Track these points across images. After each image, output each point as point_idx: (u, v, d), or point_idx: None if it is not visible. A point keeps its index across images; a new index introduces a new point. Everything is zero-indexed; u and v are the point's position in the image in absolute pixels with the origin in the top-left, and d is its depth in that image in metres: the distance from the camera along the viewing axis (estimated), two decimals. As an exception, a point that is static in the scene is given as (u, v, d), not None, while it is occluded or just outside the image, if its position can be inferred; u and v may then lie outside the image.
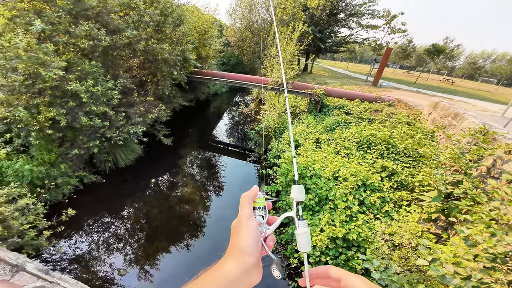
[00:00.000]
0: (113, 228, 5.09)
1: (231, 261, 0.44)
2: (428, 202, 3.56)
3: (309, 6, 16.43)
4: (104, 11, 6.36)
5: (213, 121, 13.59)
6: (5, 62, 4.58)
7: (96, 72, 5.83)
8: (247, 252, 0.44)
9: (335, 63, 49.08)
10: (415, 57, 35.08)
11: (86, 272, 4.13)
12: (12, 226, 3.57)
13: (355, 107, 8.61)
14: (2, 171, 4.50)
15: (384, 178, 5.00)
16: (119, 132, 6.12)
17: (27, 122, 4.72)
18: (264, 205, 0.64)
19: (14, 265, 1.92)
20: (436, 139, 5.98)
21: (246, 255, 0.44)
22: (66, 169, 5.30)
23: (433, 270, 1.90)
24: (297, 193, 0.64)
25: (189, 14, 11.20)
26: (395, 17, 17.07)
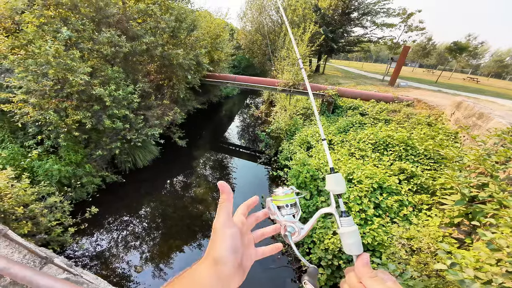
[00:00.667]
0: (131, 226, 5.31)
1: (204, 269, 0.42)
2: (450, 205, 3.39)
3: (320, 6, 16.28)
4: (123, 18, 6.75)
5: (225, 123, 13.81)
6: (37, 67, 4.94)
7: (118, 77, 6.17)
8: (221, 262, 0.41)
9: (349, 63, 48.02)
10: (436, 55, 33.48)
11: (105, 268, 4.31)
12: (41, 223, 3.79)
13: (371, 107, 8.38)
14: (34, 171, 4.88)
15: (402, 181, 4.82)
16: (138, 134, 6.42)
17: (57, 125, 5.07)
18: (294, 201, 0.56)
19: (43, 257, 2.08)
20: (460, 141, 5.67)
21: (219, 264, 0.41)
22: (90, 169, 5.63)
23: (452, 275, 1.82)
24: (334, 184, 0.54)
25: (201, 19, 11.56)
26: (412, 15, 16.43)
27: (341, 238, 0.49)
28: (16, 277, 0.72)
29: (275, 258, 4.57)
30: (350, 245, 0.47)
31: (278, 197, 0.58)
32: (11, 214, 3.46)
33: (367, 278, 0.43)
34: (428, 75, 28.05)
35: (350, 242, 0.48)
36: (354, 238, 0.48)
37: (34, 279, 0.76)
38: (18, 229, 3.39)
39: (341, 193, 0.54)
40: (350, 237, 0.48)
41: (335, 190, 0.54)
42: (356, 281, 0.46)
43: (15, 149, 5.16)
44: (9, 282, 1.70)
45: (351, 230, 0.48)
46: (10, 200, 3.45)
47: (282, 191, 0.59)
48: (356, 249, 0.47)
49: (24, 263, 1.78)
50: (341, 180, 0.54)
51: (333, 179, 0.55)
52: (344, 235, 0.49)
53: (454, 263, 2.00)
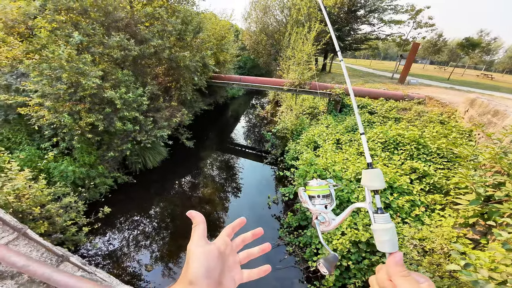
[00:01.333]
0: (142, 226, 5.42)
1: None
2: (465, 205, 3.28)
3: (325, 5, 16.10)
4: (132, 22, 6.91)
5: (231, 124, 13.88)
6: (51, 72, 5.10)
7: (128, 80, 6.32)
8: (194, 282, 0.39)
9: (356, 61, 47.21)
10: (447, 52, 32.43)
11: (117, 267, 4.39)
12: (56, 223, 3.89)
13: (380, 106, 8.22)
14: (50, 172, 5.07)
15: (414, 181, 4.70)
16: (147, 135, 6.55)
17: (71, 127, 5.22)
18: (327, 193, 0.58)
19: (60, 256, 2.15)
20: (474, 139, 5.48)
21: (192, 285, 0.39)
22: (103, 170, 5.79)
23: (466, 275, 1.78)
24: (370, 179, 0.53)
25: (207, 21, 11.68)
26: (420, 11, 15.98)
27: (374, 234, 0.48)
28: (36, 274, 0.75)
29: (282, 259, 4.55)
30: (383, 242, 0.46)
31: (311, 187, 0.59)
32: (29, 214, 3.57)
33: (399, 276, 0.42)
34: (439, 72, 27.21)
35: (384, 240, 0.47)
36: (388, 236, 0.46)
37: (52, 276, 0.79)
38: (35, 229, 3.46)
39: (378, 189, 0.53)
40: (384, 235, 0.47)
41: (371, 185, 0.53)
42: (386, 278, 0.44)
43: (32, 151, 5.37)
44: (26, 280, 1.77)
45: (386, 227, 0.47)
46: (28, 200, 3.56)
47: (316, 182, 0.61)
48: (389, 247, 0.46)
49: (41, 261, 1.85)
50: (378, 175, 0.53)
51: (369, 175, 0.54)
52: (377, 232, 0.48)
53: (468, 263, 1.97)
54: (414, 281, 0.40)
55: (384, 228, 0.47)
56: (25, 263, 0.76)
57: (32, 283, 1.79)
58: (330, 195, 0.59)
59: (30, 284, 1.77)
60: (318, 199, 0.58)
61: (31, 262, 0.78)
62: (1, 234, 1.71)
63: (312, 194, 0.59)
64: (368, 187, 0.53)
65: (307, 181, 0.64)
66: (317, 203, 0.58)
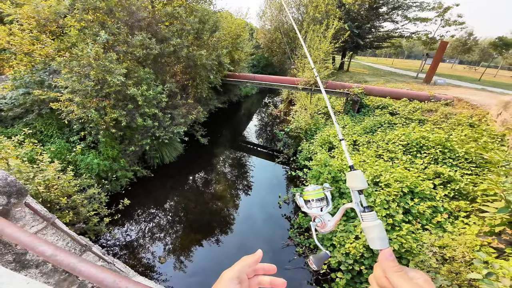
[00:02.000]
0: (157, 219, 5.63)
1: None
2: (492, 213, 3.07)
3: (344, 2, 15.53)
4: (153, 21, 7.14)
5: (243, 122, 13.94)
6: (80, 69, 5.39)
7: (149, 78, 6.56)
8: None
9: (377, 59, 45.20)
10: (478, 51, 30.07)
11: (132, 258, 4.55)
12: (80, 213, 4.08)
13: (402, 106, 7.81)
14: (77, 164, 5.40)
15: (437, 186, 4.42)
16: (165, 131, 6.78)
17: (97, 122, 5.50)
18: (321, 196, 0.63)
19: (83, 245, 2.27)
20: (507, 144, 5.04)
21: None
22: (124, 163, 6.07)
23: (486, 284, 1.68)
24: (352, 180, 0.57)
25: (223, 20, 11.77)
26: (448, 8, 14.91)
27: (364, 232, 0.51)
28: (62, 264, 0.80)
29: (291, 259, 4.51)
30: (373, 239, 0.48)
31: (307, 192, 0.65)
32: (56, 204, 3.77)
33: (392, 272, 0.44)
34: (469, 72, 25.29)
35: (372, 237, 0.49)
36: (376, 232, 0.49)
37: (77, 266, 0.83)
38: (61, 218, 3.61)
39: (362, 189, 0.56)
40: (372, 231, 0.49)
41: (354, 186, 0.57)
42: (382, 275, 0.46)
43: (62, 144, 5.75)
44: (50, 269, 1.88)
45: (373, 224, 0.50)
46: (56, 191, 3.76)
47: (312, 187, 0.66)
48: (380, 244, 0.48)
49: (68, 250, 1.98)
50: (360, 176, 0.57)
51: (351, 176, 0.58)
52: (366, 229, 0.50)
53: (490, 272, 1.90)
54: (406, 276, 0.42)
55: (372, 225, 0.49)
56: (53, 252, 0.81)
57: (55, 272, 1.89)
58: (325, 198, 0.64)
59: (53, 273, 1.87)
60: (313, 203, 0.62)
61: (58, 251, 0.82)
62: (31, 223, 1.83)
63: (307, 198, 0.64)
64: (353, 188, 0.56)
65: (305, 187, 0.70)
66: (313, 207, 0.62)
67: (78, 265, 0.78)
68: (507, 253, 2.88)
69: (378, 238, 0.48)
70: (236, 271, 0.47)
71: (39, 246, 0.81)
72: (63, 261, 0.76)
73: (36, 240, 0.83)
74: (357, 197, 0.56)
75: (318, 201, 0.63)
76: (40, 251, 0.79)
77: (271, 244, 4.92)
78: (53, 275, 1.84)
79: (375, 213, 0.52)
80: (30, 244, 0.82)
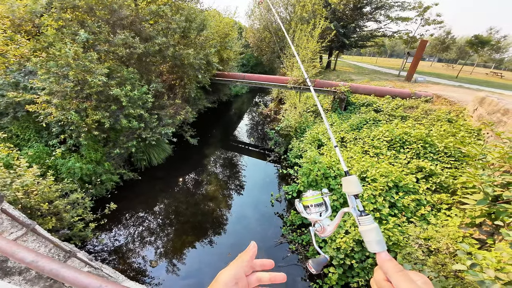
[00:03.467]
0: (147, 222, 5.49)
1: None
2: (472, 205, 3.24)
3: (330, 1, 15.87)
4: (136, 20, 6.93)
5: (234, 121, 13.89)
6: (58, 69, 5.15)
7: (133, 78, 6.36)
8: None
9: (362, 58, 46.49)
10: (456, 49, 31.69)
11: (122, 263, 4.44)
12: (64, 219, 3.94)
13: (386, 104, 8.10)
14: (58, 169, 5.16)
15: (420, 180, 4.63)
16: (152, 133, 6.61)
17: (78, 124, 5.29)
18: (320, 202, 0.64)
19: (67, 251, 2.19)
20: (483, 138, 5.36)
21: None
22: (109, 167, 5.87)
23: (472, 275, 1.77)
24: (348, 186, 0.58)
25: (210, 18, 11.63)
26: (428, 8, 15.63)
27: (362, 236, 0.51)
28: (44, 270, 0.76)
29: (284, 256, 4.56)
30: (370, 243, 0.49)
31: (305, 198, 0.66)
32: (37, 210, 3.63)
33: (393, 272, 0.43)
34: (448, 70, 26.64)
35: (369, 240, 0.49)
36: (373, 236, 0.49)
37: (60, 272, 0.80)
38: (43, 225, 3.51)
39: (357, 193, 0.57)
40: (369, 235, 0.50)
41: (350, 191, 0.58)
42: (382, 278, 0.45)
43: (40, 148, 5.47)
44: (34, 276, 1.80)
45: (370, 228, 0.51)
46: (36, 196, 3.61)
47: (311, 193, 0.67)
48: (377, 247, 0.48)
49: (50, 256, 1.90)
50: (355, 182, 0.58)
51: (348, 182, 0.59)
52: (363, 233, 0.51)
53: (474, 263, 1.96)
54: (408, 276, 0.41)
55: (368, 228, 0.51)
56: (33, 258, 0.77)
57: (39, 278, 1.82)
58: (323, 203, 0.65)
59: (37, 280, 1.80)
60: (312, 208, 0.64)
61: (39, 257, 0.79)
62: (10, 229, 1.74)
63: (306, 204, 0.65)
64: (348, 193, 0.58)
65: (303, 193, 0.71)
66: (312, 212, 0.64)
67: (61, 271, 0.75)
68: (489, 244, 3.05)
69: (375, 241, 0.49)
70: (233, 272, 0.45)
71: (18, 253, 0.77)
72: (45, 267, 0.73)
73: (15, 246, 0.79)
74: (354, 202, 0.57)
75: (317, 207, 0.64)
76: (20, 258, 0.75)
77: (264, 242, 4.95)
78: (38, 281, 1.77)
79: (371, 216, 0.53)
80: (9, 251, 0.78)
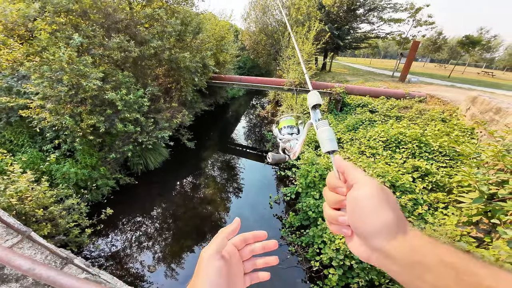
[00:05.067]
0: (144, 227, 5.43)
1: None
2: (468, 204, 3.27)
3: (324, 4, 16.09)
4: (131, 23, 6.90)
5: (231, 124, 13.88)
6: (51, 74, 5.09)
7: (128, 82, 6.32)
8: None
9: (356, 60, 47.12)
10: (447, 50, 32.39)
11: (120, 268, 4.38)
12: (59, 224, 3.89)
13: (381, 104, 8.20)
14: (52, 174, 5.07)
15: (416, 179, 4.68)
16: (149, 137, 6.55)
17: (72, 129, 5.21)
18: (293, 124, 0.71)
19: (64, 258, 2.15)
20: (476, 137, 5.46)
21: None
22: (105, 171, 5.80)
23: None
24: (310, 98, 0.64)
25: (206, 21, 11.67)
26: (420, 9, 15.97)
27: (319, 139, 0.54)
28: (41, 277, 0.75)
29: (284, 258, 4.54)
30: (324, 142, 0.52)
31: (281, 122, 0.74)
32: (32, 216, 3.58)
33: (350, 166, 0.45)
34: (440, 70, 27.14)
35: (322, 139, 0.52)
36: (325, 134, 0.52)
37: (57, 279, 0.78)
38: (38, 231, 3.48)
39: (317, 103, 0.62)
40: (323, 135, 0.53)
41: (311, 102, 0.63)
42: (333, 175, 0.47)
43: (34, 153, 5.38)
44: (31, 283, 1.77)
45: (326, 128, 0.54)
46: (31, 202, 3.56)
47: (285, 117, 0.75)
48: (330, 145, 0.51)
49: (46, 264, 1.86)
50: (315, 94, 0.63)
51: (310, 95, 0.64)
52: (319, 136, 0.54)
53: None
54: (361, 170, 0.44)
55: (324, 129, 0.54)
56: (30, 266, 0.76)
57: (36, 285, 1.78)
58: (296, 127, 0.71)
59: (34, 287, 1.77)
60: (285, 129, 0.71)
61: (36, 265, 0.77)
62: (5, 237, 1.71)
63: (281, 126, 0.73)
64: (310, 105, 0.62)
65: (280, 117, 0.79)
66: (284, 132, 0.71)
67: (59, 278, 0.73)
68: (486, 242, 3.08)
69: (328, 139, 0.51)
70: (214, 246, 0.42)
71: (15, 260, 0.75)
72: (42, 274, 0.72)
73: (11, 254, 0.78)
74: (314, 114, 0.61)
75: (289, 128, 0.71)
76: (17, 265, 0.74)
77: (263, 245, 4.92)
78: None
79: (327, 121, 0.57)
80: (5, 258, 0.77)
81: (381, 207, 0.38)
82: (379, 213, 0.37)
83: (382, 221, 0.37)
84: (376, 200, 0.38)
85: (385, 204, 0.38)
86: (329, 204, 0.48)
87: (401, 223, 0.37)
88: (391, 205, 0.38)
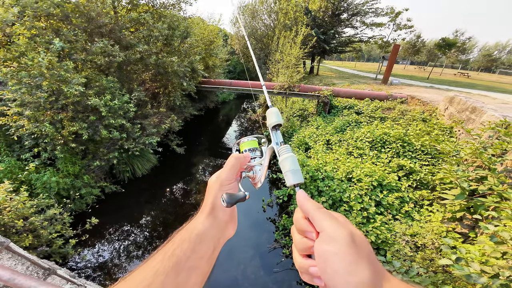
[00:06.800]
0: (133, 236, 5.24)
1: (200, 216, 0.47)
2: (451, 200, 3.42)
3: (310, 9, 16.57)
4: (116, 27, 6.76)
5: (222, 128, 13.81)
6: (30, 80, 4.89)
7: (113, 87, 6.15)
8: (218, 208, 0.47)
9: (342, 63, 48.64)
10: (426, 52, 34.17)
11: (108, 278, 4.24)
12: (41, 235, 3.76)
13: (366, 106, 8.48)
14: (32, 184, 4.81)
15: (401, 178, 4.85)
16: (135, 143, 6.38)
17: (53, 137, 5.01)
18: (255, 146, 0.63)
19: (46, 269, 2.05)
20: (455, 135, 5.76)
21: (216, 211, 0.47)
22: (89, 180, 5.57)
23: (458, 270, 1.82)
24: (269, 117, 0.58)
25: (194, 26, 11.64)
26: (399, 13, 16.82)
27: (281, 167, 0.48)
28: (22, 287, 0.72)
29: (279, 262, 4.54)
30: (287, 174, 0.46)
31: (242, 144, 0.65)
32: (11, 227, 3.44)
33: (314, 210, 0.40)
34: (419, 72, 28.50)
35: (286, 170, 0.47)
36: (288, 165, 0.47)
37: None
38: (19, 242, 3.39)
39: (277, 123, 0.56)
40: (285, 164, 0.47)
41: (272, 123, 0.57)
42: (300, 216, 0.42)
43: (12, 162, 5.10)
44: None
45: (286, 156, 0.48)
46: (10, 213, 3.43)
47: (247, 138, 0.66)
48: (293, 178, 0.46)
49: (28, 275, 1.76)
50: (276, 113, 0.57)
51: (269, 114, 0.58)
52: (281, 164, 0.49)
53: (459, 257, 1.98)
54: (329, 213, 0.39)
55: (286, 157, 0.49)
56: (10, 276, 0.72)
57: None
58: (259, 150, 0.62)
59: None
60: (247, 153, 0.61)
61: (16, 275, 0.74)
62: (-19, 250, 1.60)
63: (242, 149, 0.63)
64: (270, 126, 0.57)
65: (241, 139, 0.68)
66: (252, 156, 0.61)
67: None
68: (471, 237, 3.18)
69: (291, 171, 0.46)
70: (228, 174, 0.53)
71: (-8, 273, 0.71)
72: (23, 284, 0.68)
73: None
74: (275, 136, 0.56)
75: (251, 151, 0.60)
76: (-5, 278, 0.70)
77: (258, 248, 4.90)
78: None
79: (289, 146, 0.52)
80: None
81: (353, 265, 0.33)
82: (351, 273, 0.32)
83: (356, 281, 0.32)
84: (347, 257, 0.33)
85: (359, 260, 0.33)
86: (298, 251, 0.42)
87: (377, 278, 0.33)
88: (365, 259, 0.33)
